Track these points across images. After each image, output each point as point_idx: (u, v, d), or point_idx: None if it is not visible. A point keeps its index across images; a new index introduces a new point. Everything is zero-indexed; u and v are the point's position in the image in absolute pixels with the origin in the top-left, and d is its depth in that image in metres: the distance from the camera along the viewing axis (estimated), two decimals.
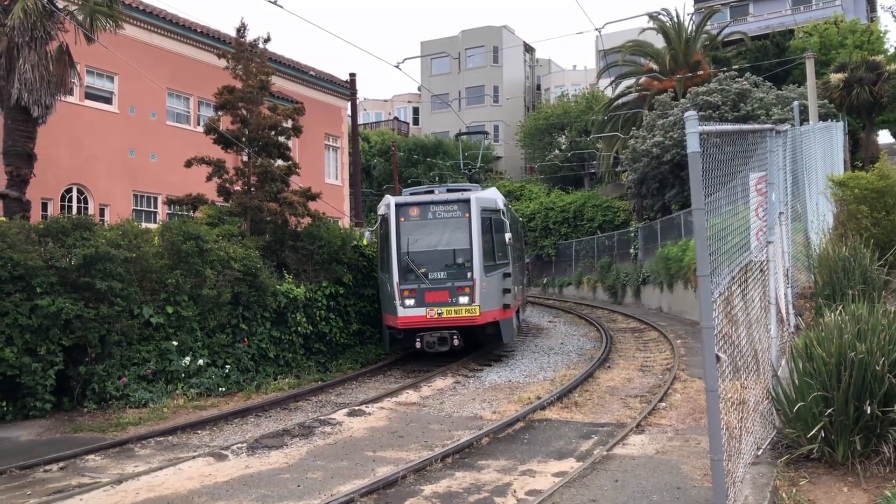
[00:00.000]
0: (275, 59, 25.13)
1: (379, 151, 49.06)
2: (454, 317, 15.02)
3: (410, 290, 15.11)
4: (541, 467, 8.15)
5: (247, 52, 18.15)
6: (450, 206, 15.66)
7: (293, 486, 7.72)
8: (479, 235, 15.18)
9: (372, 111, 62.24)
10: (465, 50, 59.56)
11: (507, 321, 15.95)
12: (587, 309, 28.71)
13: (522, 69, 62.85)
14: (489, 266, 15.41)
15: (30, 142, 14.80)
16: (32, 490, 7.96)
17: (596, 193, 41.82)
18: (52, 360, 11.72)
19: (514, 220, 20.71)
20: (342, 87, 32.50)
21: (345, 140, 33.78)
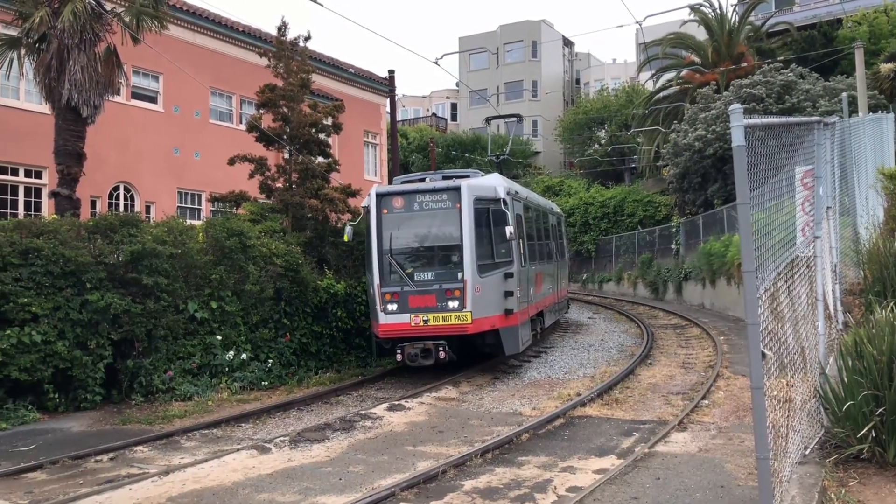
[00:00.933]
0: (315, 56, 25.36)
1: (417, 148, 49.22)
2: (442, 324, 12.92)
3: (393, 293, 13.13)
4: (581, 464, 8.11)
5: (288, 51, 18.36)
6: (438, 195, 13.51)
7: (335, 480, 7.82)
8: (471, 229, 13.08)
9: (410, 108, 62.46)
10: (504, 45, 59.34)
11: (509, 330, 13.66)
12: (627, 305, 28.41)
13: (561, 63, 62.38)
14: (486, 265, 13.35)
15: (79, 141, 15.18)
16: (84, 479, 8.20)
17: (636, 188, 41.33)
18: (101, 353, 12.04)
19: (536, 212, 18.31)
20: (381, 84, 32.68)
21: (383, 137, 33.96)
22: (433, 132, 52.44)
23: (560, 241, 22.54)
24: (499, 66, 59.24)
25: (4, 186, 19.96)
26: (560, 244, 22.41)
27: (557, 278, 20.73)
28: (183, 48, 23.39)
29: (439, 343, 12.93)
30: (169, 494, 7.45)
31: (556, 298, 20.15)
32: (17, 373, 10.96)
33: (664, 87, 37.87)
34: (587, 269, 41.59)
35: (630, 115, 42.62)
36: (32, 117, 19.95)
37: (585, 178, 47.17)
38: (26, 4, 14.79)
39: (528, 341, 15.16)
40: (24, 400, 11.31)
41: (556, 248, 21.30)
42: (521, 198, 15.84)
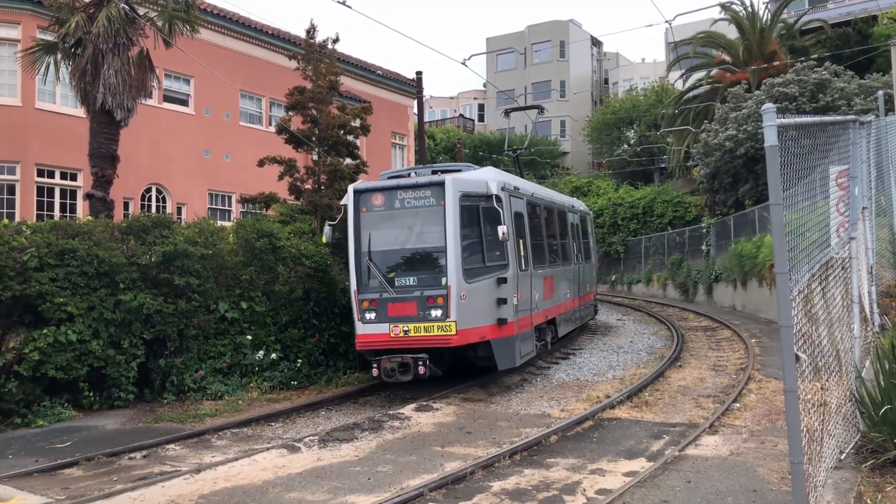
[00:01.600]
0: (343, 59, 25.53)
1: (444, 149, 49.27)
2: (423, 336, 11.60)
3: (371, 300, 11.91)
4: (611, 466, 8.05)
5: (316, 53, 18.51)
6: (421, 191, 12.17)
7: (364, 479, 7.86)
8: (456, 229, 11.74)
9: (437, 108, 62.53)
10: (532, 45, 59.18)
11: (503, 342, 12.23)
12: (657, 307, 28.16)
13: (589, 63, 62.03)
14: (474, 269, 12.02)
15: (113, 144, 15.44)
16: (118, 476, 8.35)
17: (666, 189, 40.94)
18: (134, 352, 12.24)
19: (548, 210, 16.66)
20: (408, 85, 32.78)
21: (411, 138, 34.05)
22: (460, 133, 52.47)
23: (583, 241, 20.97)
24: (526, 66, 59.09)
25: (41, 188, 20.39)
26: (583, 245, 20.85)
27: (579, 282, 19.20)
28: (213, 51, 23.69)
29: (419, 357, 11.54)
30: (201, 492, 7.55)
31: (576, 304, 18.60)
32: (53, 371, 11.18)
33: (694, 86, 37.46)
34: (616, 270, 41.30)
35: (659, 114, 42.24)
36: (68, 121, 20.37)
37: (614, 179, 46.84)
38: (63, 10, 15.09)
39: (531, 353, 13.70)
40: (60, 398, 11.54)
41: (578, 249, 19.84)
42: (523, 194, 14.32)
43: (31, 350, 10.97)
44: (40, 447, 9.75)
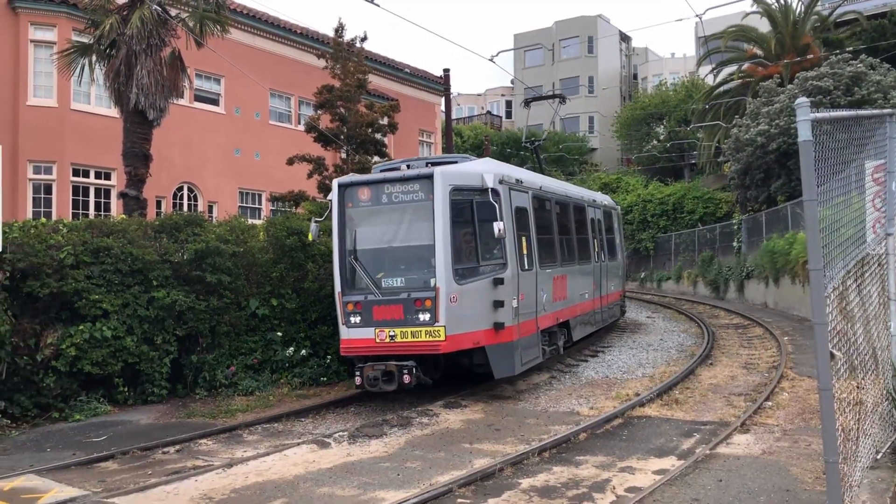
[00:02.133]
0: (371, 57, 25.65)
1: (472, 146, 49.23)
2: (410, 341, 10.81)
3: (355, 303, 11.15)
4: (640, 464, 8.01)
5: (344, 52, 18.63)
6: (409, 185, 11.32)
7: (393, 475, 7.90)
8: (445, 225, 10.86)
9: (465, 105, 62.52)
10: (560, 41, 58.87)
11: (500, 348, 11.35)
12: (687, 304, 27.88)
13: (618, 59, 61.54)
14: (466, 269, 11.16)
15: (146, 143, 15.70)
16: (153, 470, 8.50)
17: (696, 185, 40.50)
18: (167, 349, 12.43)
19: (561, 204, 15.49)
20: (436, 83, 32.81)
21: (438, 135, 34.10)
22: (488, 130, 52.41)
23: (607, 237, 19.76)
24: (554, 62, 58.79)
25: (77, 187, 20.79)
26: (607, 241, 19.60)
27: (600, 281, 18.04)
28: (243, 51, 23.94)
29: (403, 364, 10.78)
30: (233, 486, 7.66)
31: (596, 305, 17.44)
32: (89, 366, 11.41)
33: (725, 81, 36.97)
34: (645, 267, 40.96)
35: (689, 110, 41.76)
36: (102, 121, 20.74)
37: (643, 175, 46.43)
38: (97, 12, 15.37)
39: (536, 359, 12.73)
40: (95, 393, 11.77)
41: (600, 245, 18.61)
42: (527, 187, 13.21)
43: (68, 346, 11.20)
44: (77, 441, 9.96)
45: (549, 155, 49.05)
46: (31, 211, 19.79)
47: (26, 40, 20.41)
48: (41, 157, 20.23)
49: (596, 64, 58.04)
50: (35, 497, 7.48)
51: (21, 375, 10.99)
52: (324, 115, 19.15)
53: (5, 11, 19.72)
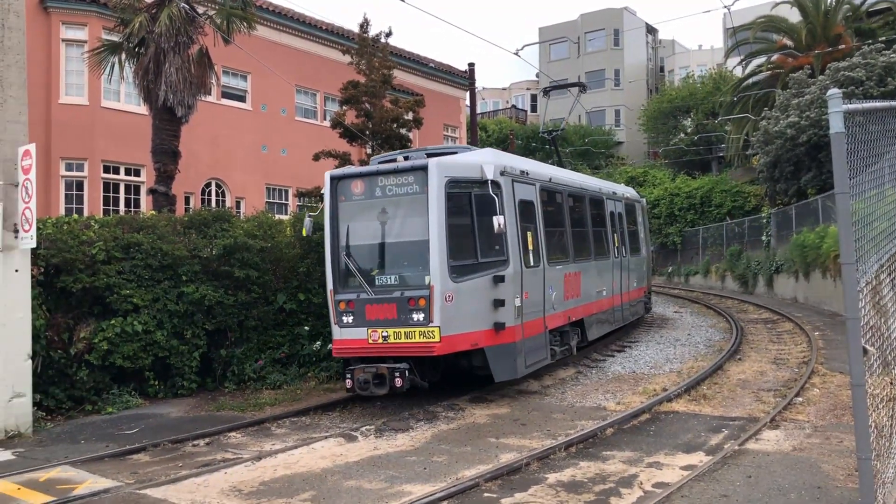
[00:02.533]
0: (396, 52, 25.69)
1: (496, 140, 49.14)
2: (403, 342, 10.30)
3: (348, 301, 10.67)
4: (668, 460, 7.96)
5: (369, 48, 18.69)
6: (403, 177, 10.75)
7: (419, 469, 7.95)
8: (440, 220, 10.28)
9: (489, 100, 62.37)
10: (585, 34, 58.47)
11: (500, 349, 10.79)
12: (715, 299, 27.59)
13: (645, 51, 60.97)
14: (464, 266, 10.57)
15: (175, 140, 15.90)
16: (183, 462, 8.63)
17: (724, 178, 40.05)
18: (196, 343, 12.61)
19: (575, 197, 14.75)
20: (461, 77, 32.77)
21: (463, 130, 34.07)
22: (512, 124, 52.25)
23: (629, 231, 18.84)
24: (580, 55, 58.41)
25: (107, 184, 21.11)
26: (629, 235, 18.72)
27: (620, 277, 17.26)
28: (269, 48, 24.10)
29: (396, 367, 10.22)
30: (262, 479, 7.75)
31: (615, 302, 16.72)
32: (121, 360, 11.61)
33: (753, 72, 36.46)
34: (672, 261, 40.63)
35: (717, 102, 41.27)
36: (132, 118, 21.03)
37: (670, 169, 46.02)
38: (126, 11, 15.58)
39: (543, 360, 12.12)
40: (127, 386, 11.99)
41: (621, 240, 17.75)
42: (534, 178, 12.55)
43: (101, 340, 11.41)
44: (110, 433, 10.15)
45: (574, 148, 48.79)
46: (63, 207, 20.15)
47: (58, 39, 20.75)
48: (73, 154, 20.58)
49: (622, 57, 57.56)
50: (70, 488, 7.65)
51: (55, 369, 11.22)
52: (349, 111, 19.24)
53: (37, 11, 20.06)
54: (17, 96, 10.62)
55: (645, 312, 20.60)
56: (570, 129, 53.20)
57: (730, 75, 45.69)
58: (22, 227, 10.27)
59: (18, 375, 10.14)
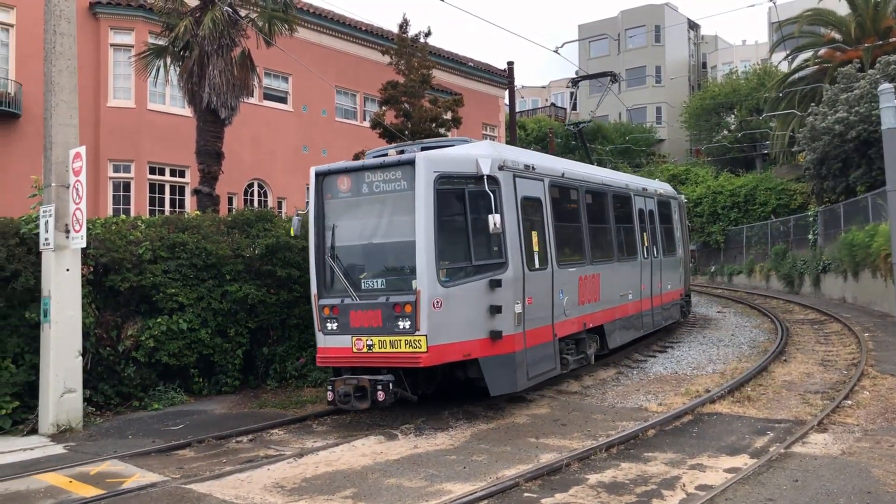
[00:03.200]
0: (434, 52, 25.75)
1: (535, 139, 48.93)
2: (389, 352, 9.52)
3: (332, 307, 9.96)
4: (711, 462, 7.83)
5: (409, 48, 18.76)
6: (390, 172, 9.94)
7: (459, 468, 7.96)
8: (428, 219, 9.48)
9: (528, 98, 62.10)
10: (625, 30, 57.90)
11: (497, 360, 9.95)
12: (759, 299, 27.07)
13: (686, 47, 60.09)
14: (456, 270, 9.77)
15: (218, 141, 16.17)
16: (227, 458, 8.79)
17: (769, 176, 39.27)
18: (239, 341, 12.81)
19: (594, 194, 13.64)
20: (499, 76, 32.70)
21: (502, 129, 33.99)
22: (552, 122, 51.92)
23: (663, 229, 17.61)
24: (620, 52, 57.85)
25: (153, 185, 21.58)
26: (662, 234, 17.48)
27: (651, 279, 16.19)
28: (310, 49, 24.37)
29: (378, 379, 9.41)
30: (304, 476, 7.85)
31: (644, 307, 15.64)
32: (166, 358, 11.86)
33: (800, 67, 35.66)
34: (715, 261, 39.98)
35: (762, 98, 40.46)
36: (176, 120, 21.46)
37: (713, 166, 45.27)
38: (171, 15, 15.90)
39: (551, 371, 11.22)
40: (172, 383, 12.23)
41: (652, 239, 16.58)
42: (542, 173, 11.51)
43: (147, 338, 11.66)
44: (156, 429, 10.37)
45: (615, 146, 48.33)
46: (111, 208, 20.66)
47: (106, 44, 21.28)
48: (120, 156, 21.09)
49: (663, 53, 56.83)
50: (119, 481, 7.84)
51: (104, 365, 11.51)
52: (388, 111, 19.35)
53: (87, 17, 20.60)
54: (68, 100, 10.92)
55: (681, 317, 19.31)
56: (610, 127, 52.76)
57: (775, 71, 44.78)
58: (73, 227, 10.55)
59: (69, 372, 10.43)
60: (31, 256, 10.76)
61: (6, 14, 20.15)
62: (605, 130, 51.43)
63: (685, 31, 59.51)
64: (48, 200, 10.70)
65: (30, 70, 19.44)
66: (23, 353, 10.68)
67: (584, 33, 59.23)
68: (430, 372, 10.23)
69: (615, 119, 55.90)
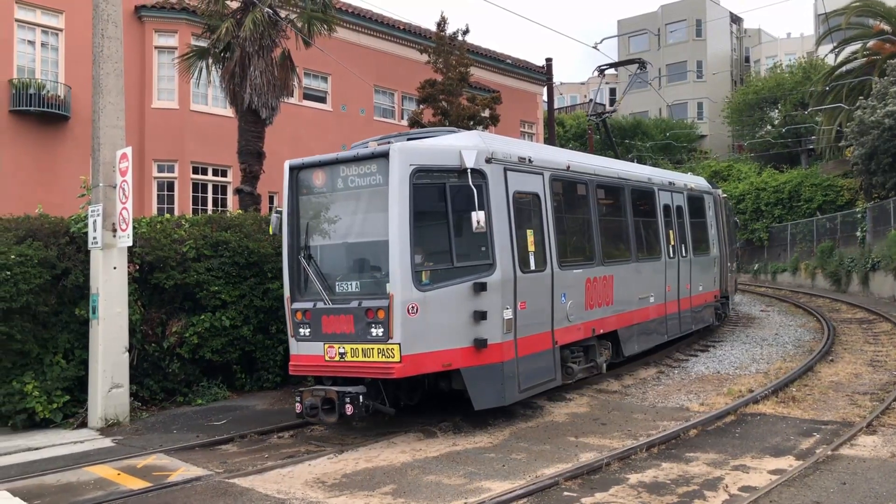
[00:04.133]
0: (472, 49, 25.73)
1: (574, 135, 48.57)
2: (361, 361, 8.85)
3: (304, 311, 9.38)
4: (755, 463, 7.70)
5: (447, 46, 18.79)
6: (364, 166, 9.24)
7: (498, 466, 7.95)
8: (402, 216, 8.74)
9: (567, 94, 61.70)
10: (665, 25, 57.14)
11: (481, 371, 9.15)
12: (805, 297, 26.49)
13: (729, 41, 59.04)
14: (433, 272, 8.99)
15: (259, 141, 16.40)
16: (269, 453, 8.92)
17: (814, 171, 38.37)
18: (280, 337, 12.96)
19: (605, 188, 12.70)
20: (538, 73, 32.53)
21: (540, 126, 33.81)
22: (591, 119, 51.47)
23: (693, 226, 16.41)
24: (660, 47, 57.09)
25: (196, 184, 21.98)
26: (693, 232, 16.27)
27: (677, 280, 15.06)
28: (348, 49, 24.55)
29: (346, 391, 8.80)
30: (344, 472, 7.93)
31: (669, 310, 14.56)
32: (209, 354, 12.08)
33: (847, 60, 34.77)
34: (759, 258, 39.24)
35: (807, 92, 39.56)
36: (218, 121, 21.82)
37: (756, 162, 44.40)
38: (213, 17, 16.16)
39: (550, 382, 10.39)
40: (215, 379, 12.45)
41: (679, 237, 15.37)
42: (541, 167, 10.57)
43: (191, 334, 11.89)
44: (200, 424, 10.58)
45: (655, 143, 47.74)
46: (155, 207, 21.10)
47: (151, 47, 21.73)
48: (164, 156, 21.52)
49: (704, 47, 55.93)
50: (165, 475, 8.02)
51: (150, 361, 11.77)
52: (426, 110, 19.40)
53: (132, 20, 21.06)
54: (115, 102, 11.18)
55: (715, 321, 17.90)
56: (650, 123, 52.10)
57: (821, 64, 43.75)
58: (119, 226, 10.81)
59: (117, 367, 10.70)
60: (81, 255, 11.06)
61: (56, 19, 20.71)
62: (646, 126, 50.80)
63: (727, 25, 58.47)
64: (96, 200, 10.97)
65: (78, 73, 19.96)
66: (73, 349, 10.98)
67: (623, 29, 58.61)
68: (411, 382, 9.59)
69: (655, 115, 55.19)
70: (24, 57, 20.20)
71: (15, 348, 10.42)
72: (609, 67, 20.05)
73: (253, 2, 15.29)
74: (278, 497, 7.13)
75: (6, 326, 10.15)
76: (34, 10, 20.36)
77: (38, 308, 10.53)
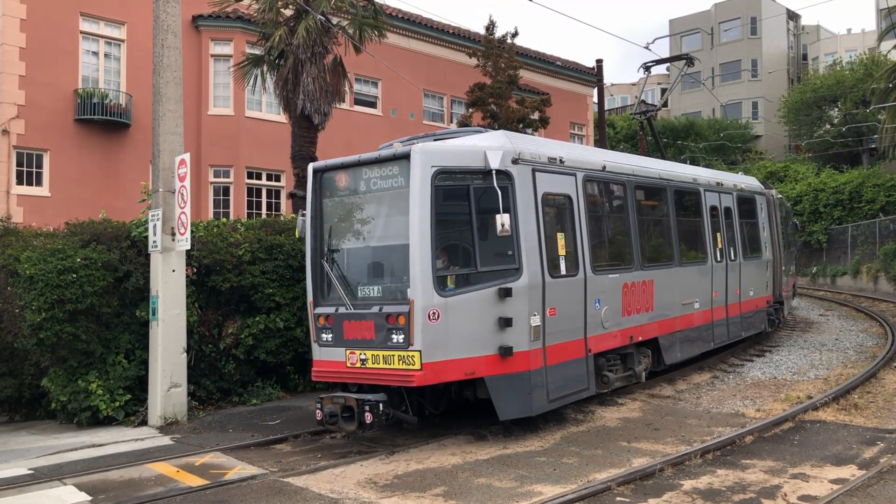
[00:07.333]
0: (521, 52, 25.67)
1: (625, 137, 47.97)
2: (381, 369, 8.66)
3: (327, 316, 9.20)
4: (815, 472, 7.51)
5: (496, 49, 18.81)
6: (387, 168, 9.10)
7: (549, 470, 7.93)
8: (424, 219, 8.50)
9: (618, 96, 61.00)
10: (719, 24, 56.07)
11: (507, 380, 8.89)
12: (866, 301, 25.63)
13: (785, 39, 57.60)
14: (456, 277, 8.76)
15: (312, 146, 16.67)
16: (322, 453, 9.07)
17: (877, 171, 37.09)
18: None
19: (644, 189, 12.28)
20: (588, 74, 32.28)
21: (590, 128, 33.54)
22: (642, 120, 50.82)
23: (744, 227, 15.75)
24: (713, 46, 56.02)
25: (251, 189, 22.45)
26: (743, 234, 15.61)
27: (726, 285, 14.50)
28: (398, 53, 24.76)
29: (366, 399, 8.61)
30: (395, 472, 8.01)
31: (717, 316, 14.00)
32: (264, 355, 12.33)
33: None
34: (817, 261, 38.09)
35: (868, 89, 38.27)
36: (272, 126, 22.25)
37: (814, 163, 43.18)
38: (267, 25, 16.50)
39: (582, 392, 10.02)
40: (269, 379, 12.71)
41: (727, 239, 14.77)
42: (574, 167, 10.21)
43: (246, 335, 12.16)
44: (255, 423, 10.81)
45: (709, 143, 46.85)
46: (212, 211, 21.63)
47: (207, 55, 22.30)
48: (220, 161, 22.04)
49: (760, 46, 54.67)
50: (222, 473, 8.23)
51: (206, 362, 12.08)
52: (475, 113, 19.45)
53: (189, 29, 21.64)
54: (174, 110, 11.52)
55: (769, 327, 17.04)
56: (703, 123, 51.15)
57: (884, 60, 42.27)
58: (178, 230, 11.13)
59: (175, 367, 11.01)
60: (141, 258, 11.43)
61: (118, 30, 21.42)
62: (699, 127, 49.87)
63: (784, 22, 57.04)
64: (156, 205, 11.32)
65: (139, 82, 20.61)
66: (134, 349, 11.36)
67: (675, 28, 57.72)
68: (434, 390, 9.34)
69: (708, 115, 54.16)
70: (88, 67, 20.96)
71: (80, 348, 10.83)
72: (655, 64, 19.41)
73: (306, 9, 15.56)
74: (331, 496, 7.24)
75: (73, 327, 10.55)
76: (98, 21, 21.11)
77: (102, 309, 10.92)
